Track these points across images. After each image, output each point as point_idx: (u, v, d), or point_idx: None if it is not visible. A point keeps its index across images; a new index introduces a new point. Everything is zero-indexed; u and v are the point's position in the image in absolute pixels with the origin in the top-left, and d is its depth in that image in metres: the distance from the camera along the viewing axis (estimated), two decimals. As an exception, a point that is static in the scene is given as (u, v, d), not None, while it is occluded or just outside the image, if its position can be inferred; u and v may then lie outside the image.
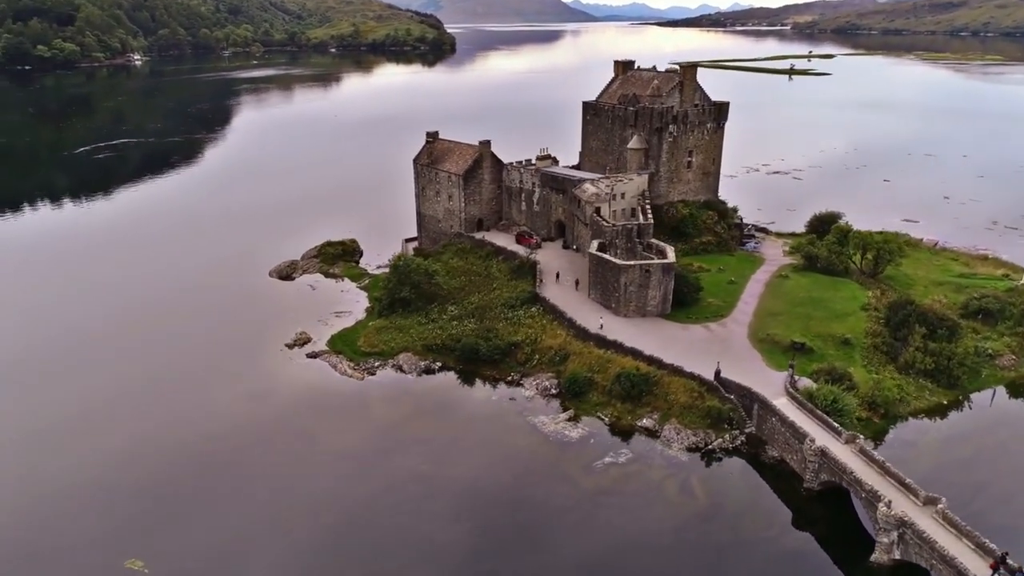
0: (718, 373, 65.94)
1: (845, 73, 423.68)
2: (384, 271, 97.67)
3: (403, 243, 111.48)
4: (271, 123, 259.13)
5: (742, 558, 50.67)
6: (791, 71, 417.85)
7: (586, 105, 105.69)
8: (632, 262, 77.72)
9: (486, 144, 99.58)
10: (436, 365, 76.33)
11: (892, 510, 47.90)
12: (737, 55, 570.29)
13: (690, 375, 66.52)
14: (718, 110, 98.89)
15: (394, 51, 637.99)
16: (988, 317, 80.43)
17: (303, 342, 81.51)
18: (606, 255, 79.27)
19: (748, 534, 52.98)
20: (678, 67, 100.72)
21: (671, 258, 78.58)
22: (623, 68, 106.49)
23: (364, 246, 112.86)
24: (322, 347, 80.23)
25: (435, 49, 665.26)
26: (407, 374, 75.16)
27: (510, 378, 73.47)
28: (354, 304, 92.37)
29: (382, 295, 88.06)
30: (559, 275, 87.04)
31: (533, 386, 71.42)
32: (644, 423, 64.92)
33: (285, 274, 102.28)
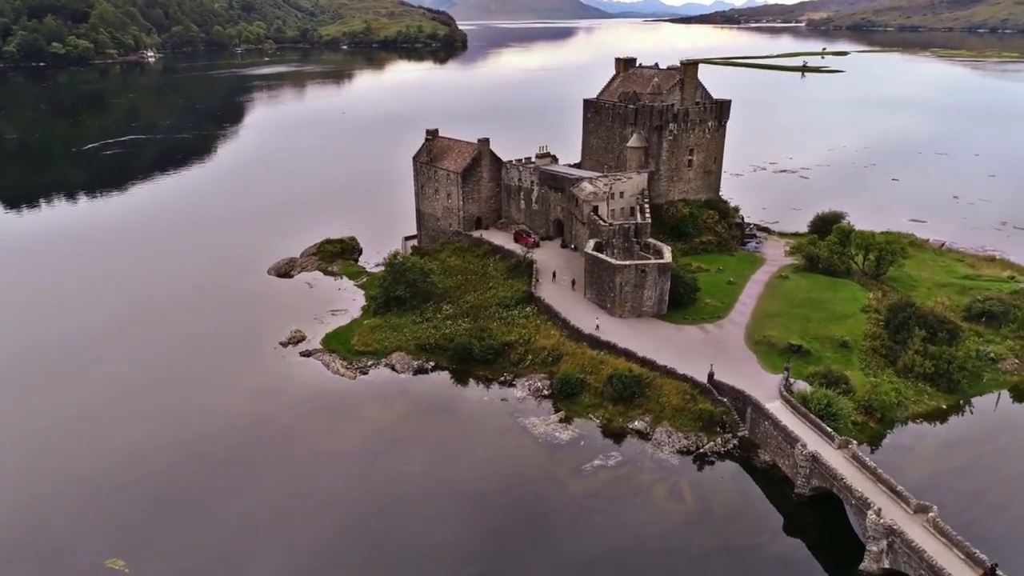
0: (711, 375, 65.03)
1: (858, 70, 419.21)
2: (382, 269, 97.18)
3: (403, 241, 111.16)
4: (279, 120, 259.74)
5: (728, 565, 49.85)
6: (803, 68, 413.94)
7: (587, 103, 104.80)
8: (627, 262, 76.85)
9: (485, 142, 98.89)
10: (429, 365, 75.84)
11: (882, 518, 46.92)
12: (750, 52, 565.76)
13: (683, 377, 65.63)
14: (719, 108, 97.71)
15: (405, 48, 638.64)
16: (992, 320, 78.91)
17: (297, 340, 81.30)
18: (601, 255, 78.44)
19: (736, 540, 52.13)
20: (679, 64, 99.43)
21: (667, 258, 77.64)
22: (624, 65, 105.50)
23: (364, 244, 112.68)
24: (316, 345, 79.99)
25: (446, 46, 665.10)
26: (399, 374, 74.74)
27: (503, 378, 72.86)
28: (351, 302, 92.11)
29: (378, 294, 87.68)
30: (555, 274, 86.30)
31: (525, 387, 70.81)
32: (636, 425, 64.14)
33: (283, 272, 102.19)
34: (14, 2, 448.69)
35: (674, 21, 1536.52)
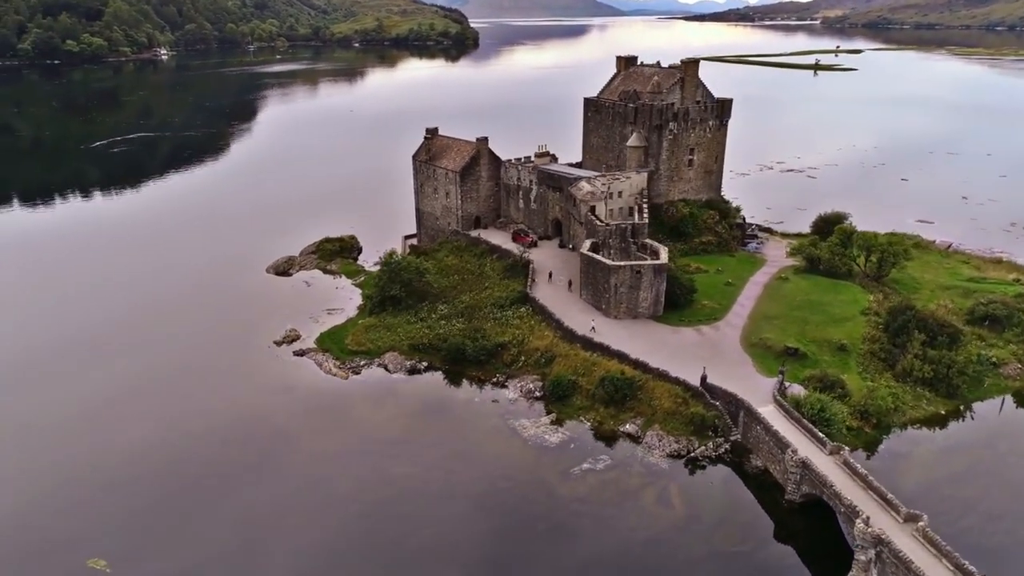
0: (704, 379, 64.13)
1: (872, 69, 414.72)
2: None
3: (403, 240, 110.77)
4: (288, 118, 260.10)
5: (715, 572, 49.08)
6: (816, 66, 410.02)
7: (587, 101, 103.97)
8: (622, 263, 76.02)
9: (483, 141, 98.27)
10: (422, 365, 75.38)
11: (870, 527, 45.92)
12: (764, 50, 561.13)
13: (675, 380, 64.81)
14: (721, 107, 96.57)
15: (417, 46, 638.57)
16: (995, 323, 77.45)
17: (292, 339, 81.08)
18: (597, 255, 77.66)
19: (723, 547, 51.29)
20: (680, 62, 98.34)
21: (663, 259, 76.72)
22: (625, 64, 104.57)
23: (364, 243, 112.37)
24: (310, 345, 79.73)
25: (458, 44, 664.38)
26: (392, 374, 74.34)
27: (495, 379, 72.28)
28: (347, 301, 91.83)
29: (373, 293, 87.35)
30: (552, 275, 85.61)
31: (517, 388, 70.19)
32: (627, 428, 63.38)
33: (282, 270, 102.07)
34: (29, 0, 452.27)
35: (688, 19, 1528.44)
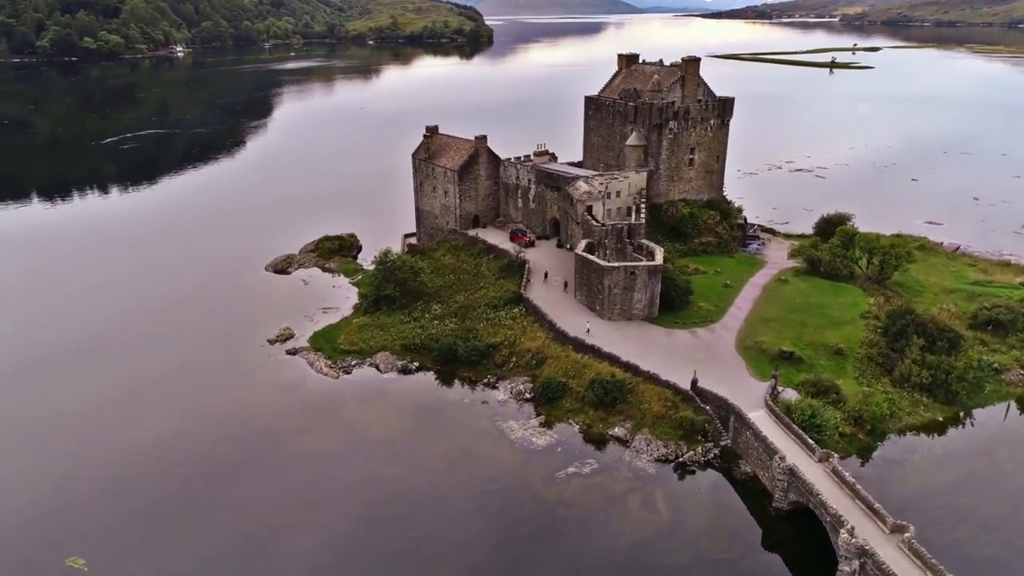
0: (695, 382, 63.15)
1: (889, 67, 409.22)
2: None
3: (403, 239, 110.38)
4: (298, 116, 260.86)
5: (697, 580, 48.24)
6: (832, 64, 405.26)
7: (588, 100, 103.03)
8: (617, 263, 75.13)
9: (482, 139, 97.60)
10: (413, 365, 74.95)
11: (854, 537, 44.91)
12: (781, 48, 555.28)
13: (665, 383, 63.90)
14: (722, 106, 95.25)
15: (431, 43, 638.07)
16: (998, 328, 75.80)
17: (285, 338, 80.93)
18: (591, 256, 76.80)
19: (708, 554, 50.43)
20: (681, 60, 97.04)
21: (659, 260, 75.74)
22: (627, 62, 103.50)
23: (364, 241, 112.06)
24: (303, 344, 79.52)
25: (472, 41, 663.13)
26: (383, 374, 73.98)
27: (486, 380, 71.71)
28: (343, 300, 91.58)
29: (368, 292, 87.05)
30: (547, 275, 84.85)
31: (508, 390, 69.58)
32: (616, 432, 62.59)
33: (281, 268, 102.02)
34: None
35: (705, 16, 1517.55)
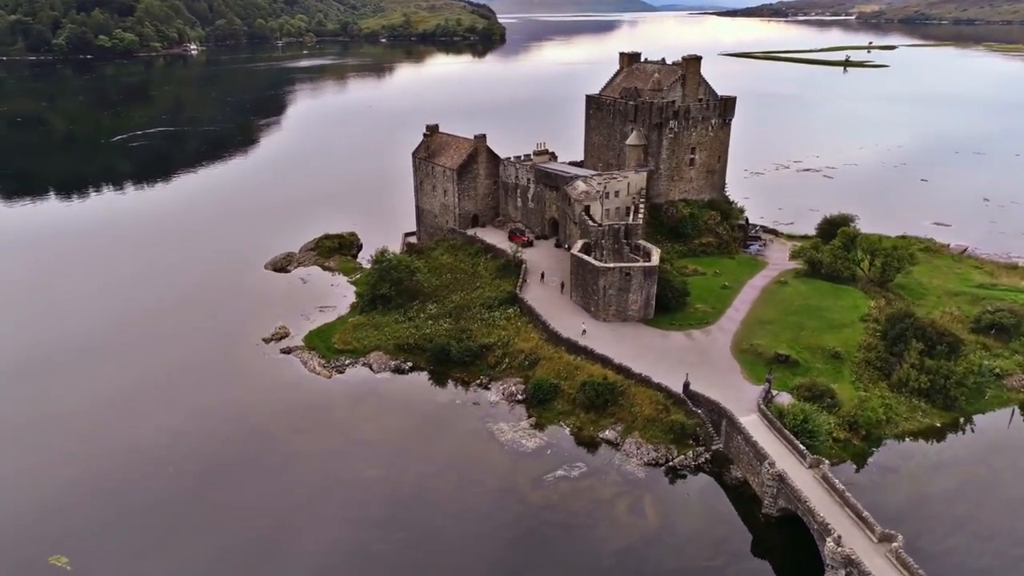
0: (687, 385, 62.34)
1: (905, 66, 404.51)
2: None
3: (403, 237, 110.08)
4: (308, 114, 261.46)
5: (681, 587, 47.56)
6: (846, 63, 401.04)
7: (589, 99, 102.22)
8: (611, 264, 74.40)
9: (481, 138, 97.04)
10: (407, 365, 74.60)
11: (841, 546, 44.06)
12: (797, 46, 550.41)
13: (657, 386, 63.13)
14: (724, 105, 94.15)
15: (443, 41, 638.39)
16: (1002, 333, 74.37)
17: (281, 336, 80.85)
18: (586, 256, 76.10)
19: (694, 560, 49.75)
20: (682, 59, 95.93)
21: (655, 261, 74.93)
22: (628, 60, 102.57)
23: (365, 240, 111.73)
24: (298, 343, 79.39)
25: (484, 39, 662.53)
26: (376, 373, 73.69)
27: (479, 381, 71.26)
28: (341, 299, 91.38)
29: (365, 291, 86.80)
30: (544, 275, 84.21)
31: (499, 391, 69.09)
32: (606, 435, 61.94)
33: (280, 266, 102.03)
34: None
35: (720, 14, 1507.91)
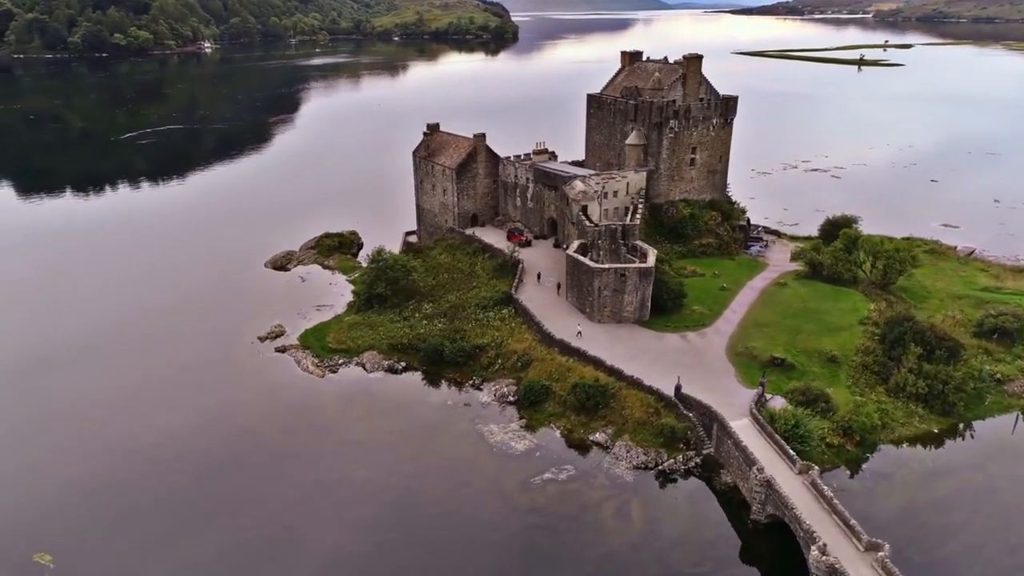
0: (678, 388, 61.63)
1: (921, 64, 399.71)
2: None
3: (403, 236, 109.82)
4: (318, 112, 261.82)
5: (664, 594, 46.93)
6: (860, 62, 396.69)
7: (590, 98, 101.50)
8: (606, 265, 73.72)
9: (480, 137, 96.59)
10: (400, 365, 74.33)
11: (826, 555, 43.29)
12: (812, 44, 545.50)
13: (648, 389, 62.47)
14: (725, 105, 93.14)
15: (456, 40, 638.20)
16: (1005, 337, 72.99)
17: (276, 335, 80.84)
18: (582, 257, 75.48)
19: (679, 567, 49.11)
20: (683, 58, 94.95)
21: (651, 262, 74.19)
22: (630, 59, 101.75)
23: (366, 238, 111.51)
24: (293, 341, 79.32)
25: (497, 38, 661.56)
26: (369, 373, 73.47)
27: (471, 382, 70.91)
28: (338, 298, 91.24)
29: (361, 290, 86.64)
30: (540, 276, 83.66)
31: (491, 392, 68.68)
32: (596, 437, 61.38)
33: (280, 265, 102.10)
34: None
35: (735, 12, 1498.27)
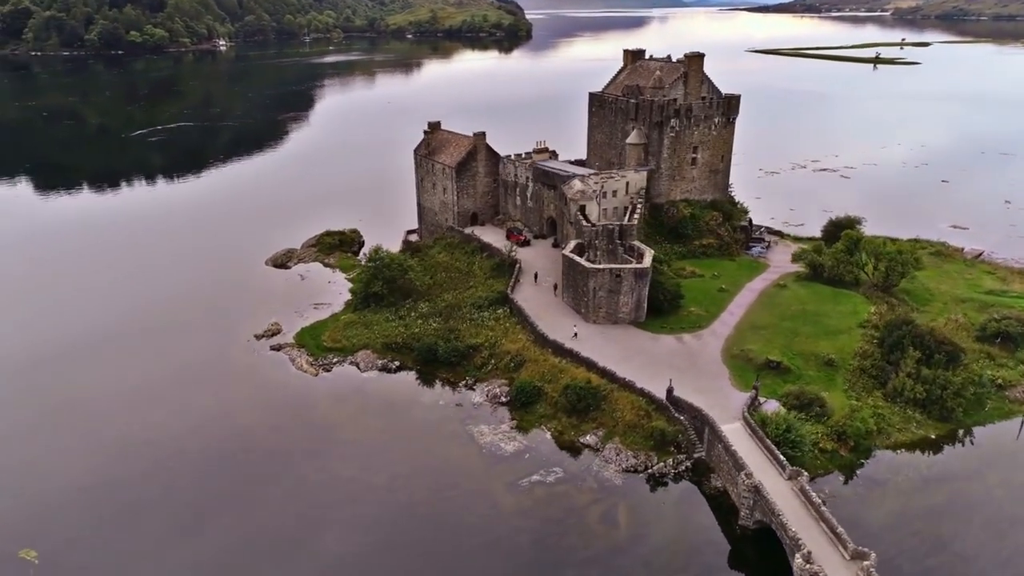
0: (670, 391, 60.91)
1: (937, 63, 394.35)
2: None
3: (405, 235, 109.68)
4: (329, 110, 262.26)
5: (647, 600, 46.34)
6: (876, 60, 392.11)
7: (592, 96, 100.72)
8: (601, 266, 73.08)
9: (481, 136, 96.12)
10: (394, 364, 74.11)
11: (810, 563, 42.55)
12: (829, 43, 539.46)
13: (640, 391, 61.82)
14: (728, 104, 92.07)
15: (469, 37, 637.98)
16: (1008, 341, 71.68)
17: (272, 333, 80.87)
18: (577, 257, 74.87)
19: (662, 573, 48.47)
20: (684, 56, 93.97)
21: (647, 262, 73.45)
22: (632, 57, 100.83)
23: (368, 237, 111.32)
24: (288, 339, 79.33)
25: (510, 35, 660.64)
26: (363, 372, 73.31)
27: (464, 382, 70.55)
28: (336, 296, 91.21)
29: (358, 289, 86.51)
30: (537, 276, 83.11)
31: (484, 392, 68.31)
32: (587, 440, 60.84)
33: (280, 262, 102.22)
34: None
35: (751, 10, 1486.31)
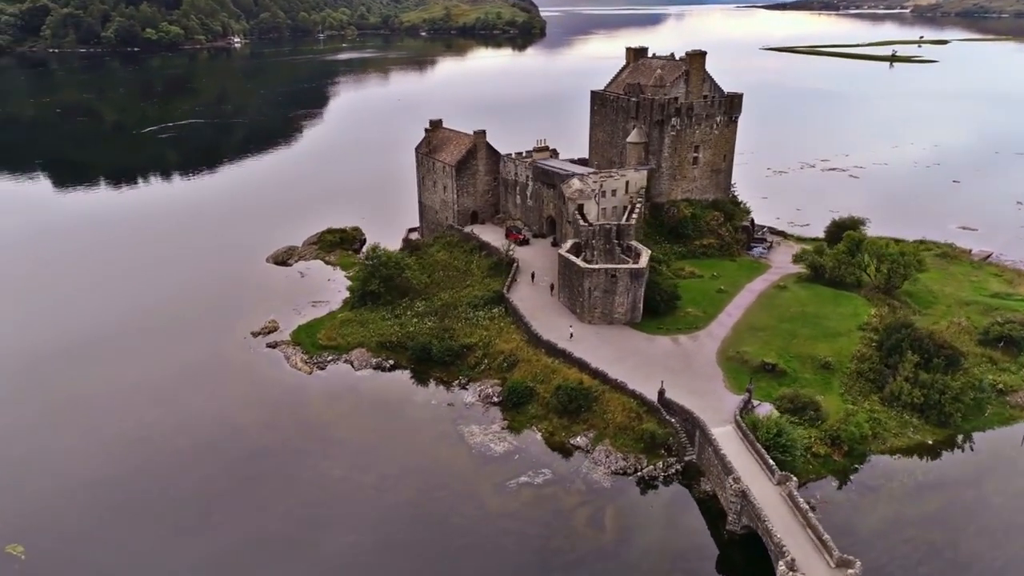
0: (661, 393, 60.27)
1: (956, 61, 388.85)
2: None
3: (406, 233, 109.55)
4: (342, 107, 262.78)
5: (629, 606, 45.83)
6: (892, 58, 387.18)
7: (593, 94, 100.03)
8: (597, 266, 72.49)
9: (481, 134, 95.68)
10: (388, 363, 73.95)
11: (793, 570, 41.88)
12: (847, 40, 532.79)
13: (631, 393, 61.22)
14: (730, 103, 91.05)
15: (483, 35, 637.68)
16: (1011, 345, 70.35)
17: (269, 331, 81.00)
18: (572, 256, 74.31)
19: (648, 576, 47.92)
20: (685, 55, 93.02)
21: (643, 263, 72.76)
22: (634, 55, 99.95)
23: (369, 234, 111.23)
24: (284, 337, 79.40)
25: (524, 33, 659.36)
26: (357, 371, 73.20)
27: (458, 381, 70.28)
28: (335, 294, 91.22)
29: (356, 287, 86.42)
30: (534, 275, 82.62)
31: (476, 392, 68.00)
32: (577, 441, 60.38)
33: (281, 260, 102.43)
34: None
35: (769, 8, 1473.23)
